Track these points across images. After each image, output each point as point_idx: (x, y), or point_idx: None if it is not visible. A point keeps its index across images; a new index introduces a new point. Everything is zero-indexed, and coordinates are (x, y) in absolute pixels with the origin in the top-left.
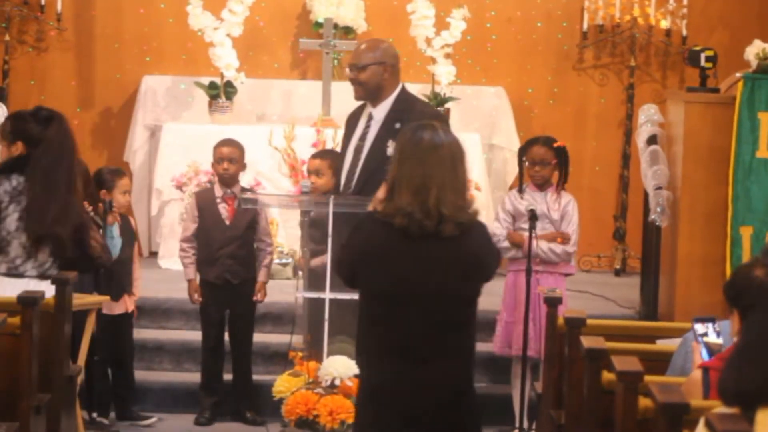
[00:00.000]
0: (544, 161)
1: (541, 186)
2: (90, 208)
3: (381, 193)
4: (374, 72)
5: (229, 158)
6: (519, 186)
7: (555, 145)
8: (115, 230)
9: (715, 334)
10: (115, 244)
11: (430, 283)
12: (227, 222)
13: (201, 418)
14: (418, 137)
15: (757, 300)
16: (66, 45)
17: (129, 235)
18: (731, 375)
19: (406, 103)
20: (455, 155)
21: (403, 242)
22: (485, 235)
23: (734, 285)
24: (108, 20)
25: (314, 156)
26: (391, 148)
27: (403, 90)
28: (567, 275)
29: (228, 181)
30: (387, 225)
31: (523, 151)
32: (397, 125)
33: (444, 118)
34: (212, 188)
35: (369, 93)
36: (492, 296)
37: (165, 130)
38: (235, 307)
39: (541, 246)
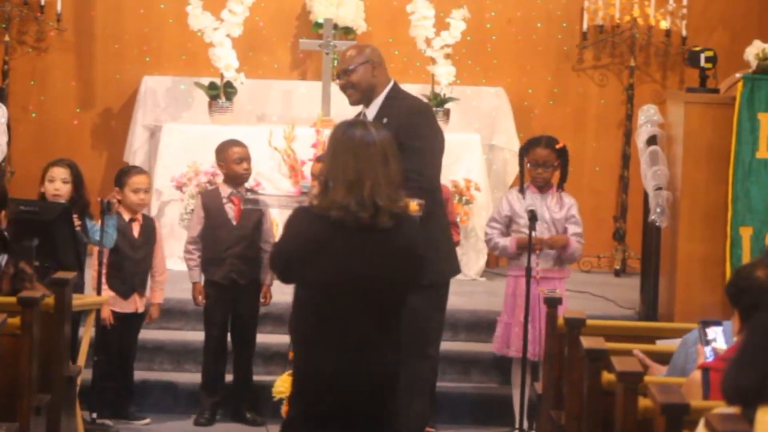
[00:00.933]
0: (547, 163)
1: (542, 188)
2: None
3: (315, 188)
4: (364, 71)
5: (248, 158)
6: (520, 186)
7: (557, 146)
8: (113, 221)
9: (723, 340)
10: (110, 234)
11: (368, 274)
12: (234, 222)
13: (201, 419)
14: (350, 134)
15: (758, 300)
16: (66, 45)
17: (149, 235)
18: (733, 374)
19: (394, 99)
20: (387, 151)
21: (340, 235)
22: (417, 228)
23: (736, 285)
24: (108, 21)
25: (318, 159)
26: None
27: (393, 87)
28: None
29: (245, 180)
30: (323, 218)
31: (524, 152)
32: (384, 120)
33: (429, 111)
34: (217, 188)
35: (363, 94)
36: (493, 296)
37: (165, 131)
38: (239, 308)
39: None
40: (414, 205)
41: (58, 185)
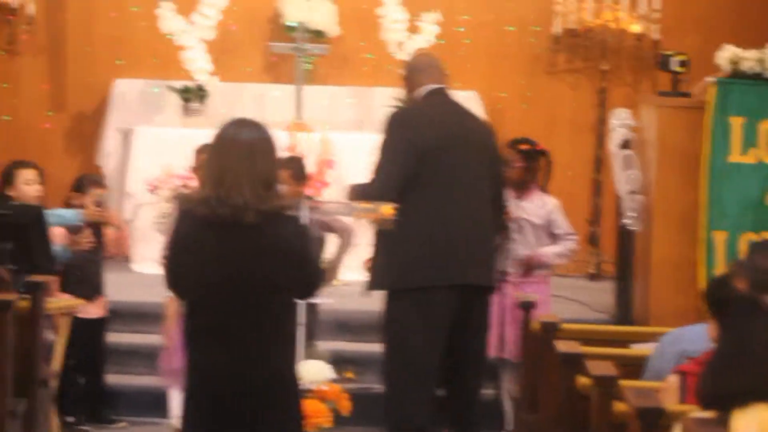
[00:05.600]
0: (507, 163)
1: (517, 191)
2: None
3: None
4: (403, 88)
5: None
6: None
7: (523, 147)
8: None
9: None
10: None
11: (233, 269)
12: None
13: None
14: (221, 132)
15: (735, 311)
16: (38, 48)
17: (98, 234)
18: (709, 379)
19: None
20: (256, 149)
21: (206, 231)
22: (295, 226)
23: (714, 294)
24: (79, 24)
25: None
26: None
27: (420, 94)
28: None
29: None
30: (193, 215)
31: None
32: None
33: (393, 118)
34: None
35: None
36: None
37: (137, 134)
38: None
39: (548, 255)
40: (389, 209)
41: (38, 187)
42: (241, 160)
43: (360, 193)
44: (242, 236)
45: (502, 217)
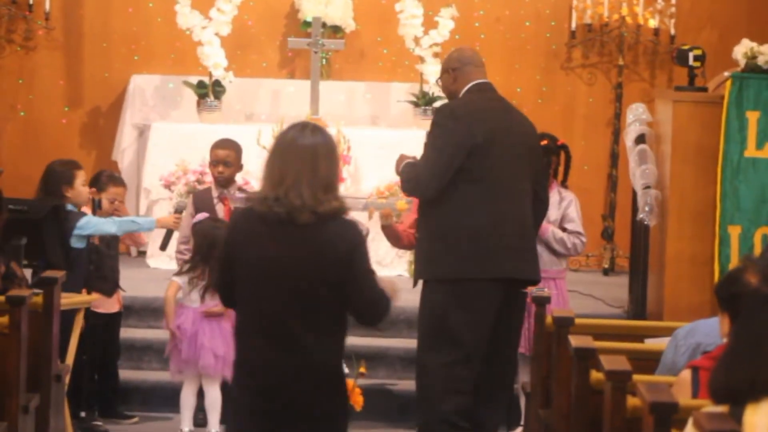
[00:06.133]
0: None
1: None
2: None
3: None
4: (444, 80)
5: (225, 161)
6: None
7: (542, 142)
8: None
9: None
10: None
11: (287, 265)
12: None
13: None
14: (283, 135)
15: (748, 305)
16: (54, 44)
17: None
18: (721, 373)
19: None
20: (318, 154)
21: (263, 227)
22: (348, 228)
23: (726, 289)
24: (96, 19)
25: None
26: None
27: (467, 89)
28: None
29: (223, 183)
30: (252, 213)
31: None
32: None
33: (441, 111)
34: (209, 188)
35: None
36: None
37: (153, 130)
38: None
39: (549, 231)
40: (403, 204)
41: (88, 188)
42: (304, 163)
43: (408, 174)
44: (295, 234)
45: (543, 212)
